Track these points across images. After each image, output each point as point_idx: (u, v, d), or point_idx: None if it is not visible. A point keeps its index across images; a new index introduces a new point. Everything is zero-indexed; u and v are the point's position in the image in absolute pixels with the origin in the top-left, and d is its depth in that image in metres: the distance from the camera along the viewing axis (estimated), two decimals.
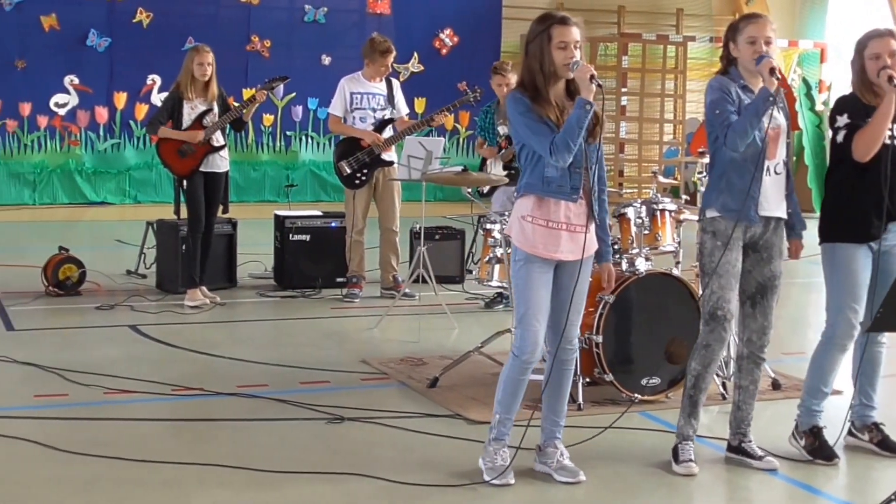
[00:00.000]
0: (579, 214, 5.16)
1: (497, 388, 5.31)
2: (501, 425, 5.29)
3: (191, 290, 9.32)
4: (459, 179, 8.20)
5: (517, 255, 5.20)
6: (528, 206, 5.16)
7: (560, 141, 4.98)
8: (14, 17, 15.70)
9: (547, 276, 5.17)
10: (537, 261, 5.14)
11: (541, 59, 5.08)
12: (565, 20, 5.10)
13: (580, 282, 5.21)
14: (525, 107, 5.09)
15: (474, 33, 17.75)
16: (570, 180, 5.11)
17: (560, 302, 5.23)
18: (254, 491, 5.10)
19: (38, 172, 16.03)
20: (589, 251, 5.22)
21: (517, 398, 5.27)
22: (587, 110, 4.97)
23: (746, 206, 5.31)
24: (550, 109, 5.08)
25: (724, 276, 5.35)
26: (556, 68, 5.07)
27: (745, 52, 5.32)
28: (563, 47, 5.05)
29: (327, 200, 16.28)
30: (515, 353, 5.21)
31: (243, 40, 16.74)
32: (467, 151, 17.74)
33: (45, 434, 5.75)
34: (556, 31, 5.06)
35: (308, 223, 10.21)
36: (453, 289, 10.12)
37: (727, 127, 5.21)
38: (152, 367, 7.26)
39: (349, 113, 9.72)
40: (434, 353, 7.73)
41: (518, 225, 5.19)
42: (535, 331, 5.15)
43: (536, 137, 5.05)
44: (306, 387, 6.91)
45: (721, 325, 5.41)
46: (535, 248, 5.13)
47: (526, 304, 5.16)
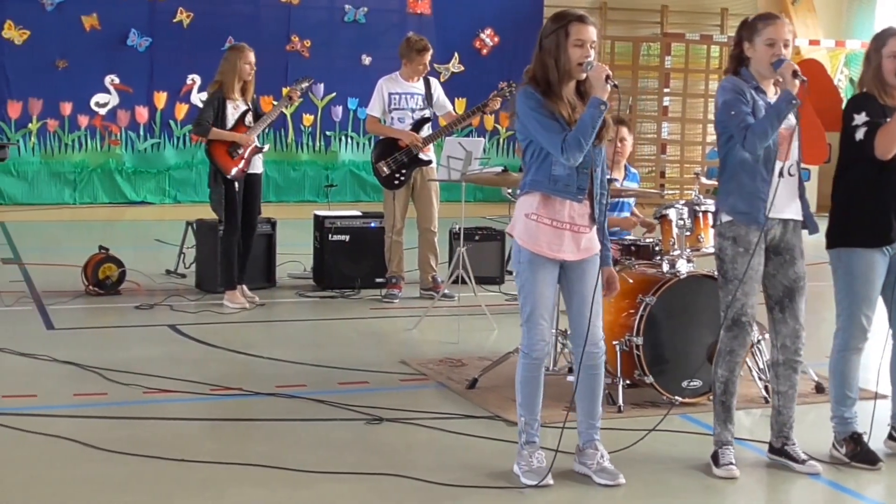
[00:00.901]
0: (583, 215, 5.16)
1: (516, 393, 5.29)
2: (529, 427, 5.27)
3: (230, 290, 9.32)
4: (499, 180, 8.17)
5: (521, 254, 5.18)
6: (533, 204, 5.14)
7: (572, 139, 4.94)
8: (55, 17, 15.79)
9: (552, 275, 5.16)
10: (542, 260, 5.11)
11: (556, 55, 5.04)
12: (583, 18, 5.06)
13: (589, 282, 5.18)
14: (537, 102, 5.06)
15: (515, 33, 17.68)
16: (576, 180, 5.09)
17: (576, 305, 5.20)
18: (291, 490, 5.09)
19: (78, 172, 16.12)
20: (590, 251, 5.19)
21: (537, 398, 5.25)
22: (601, 110, 4.94)
23: (756, 209, 5.25)
24: (563, 106, 5.05)
25: (748, 281, 5.29)
26: (571, 66, 5.03)
27: (762, 53, 5.24)
28: (579, 45, 5.01)
29: (367, 201, 16.27)
30: (525, 352, 5.22)
31: (283, 40, 16.76)
32: (507, 152, 17.70)
33: (85, 433, 5.76)
34: (573, 29, 5.02)
35: (347, 223, 10.20)
36: (493, 290, 10.08)
37: (745, 129, 5.14)
38: (191, 367, 7.26)
39: (387, 113, 9.71)
40: (473, 354, 7.70)
41: (523, 223, 5.17)
42: (541, 328, 5.15)
43: (547, 134, 5.02)
44: (345, 387, 6.90)
45: (744, 331, 5.36)
46: (539, 247, 5.11)
47: (532, 302, 5.15)
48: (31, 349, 7.55)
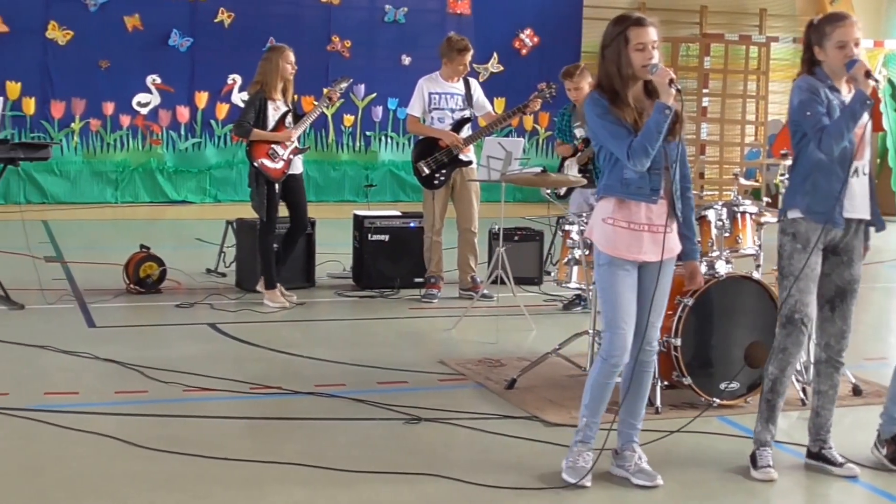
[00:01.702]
0: (661, 214, 5.11)
1: (584, 392, 5.27)
2: (588, 429, 5.26)
3: (269, 290, 9.35)
4: (538, 180, 8.18)
5: (601, 258, 5.15)
6: (608, 209, 5.12)
7: (638, 145, 4.93)
8: (98, 17, 15.92)
9: (632, 278, 5.12)
10: (621, 263, 5.10)
11: (618, 62, 5.03)
12: (641, 21, 5.04)
13: (662, 283, 5.16)
14: (603, 109, 5.04)
15: (555, 33, 17.67)
16: (649, 182, 5.06)
17: (641, 303, 5.18)
18: (331, 490, 5.11)
19: (120, 171, 16.25)
20: (672, 252, 5.17)
21: (604, 402, 5.24)
22: (666, 115, 4.92)
23: (832, 209, 5.22)
24: (629, 112, 5.03)
25: (804, 279, 5.27)
26: (635, 70, 5.01)
27: (834, 56, 5.22)
28: (640, 49, 5.00)
29: (406, 201, 16.32)
30: (604, 357, 5.17)
31: (324, 40, 16.82)
32: (547, 152, 17.68)
33: (126, 430, 5.81)
34: (632, 33, 5.01)
35: (387, 223, 10.22)
36: (531, 290, 10.08)
37: (821, 130, 5.11)
38: (231, 366, 7.31)
39: (427, 113, 9.72)
40: (512, 355, 7.70)
41: (600, 228, 5.15)
42: (623, 334, 5.11)
43: (614, 140, 5.01)
44: (384, 387, 6.92)
45: (798, 329, 5.33)
46: (619, 250, 5.09)
47: (613, 307, 5.12)
48: (73, 347, 7.62)
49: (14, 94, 15.63)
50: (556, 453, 5.41)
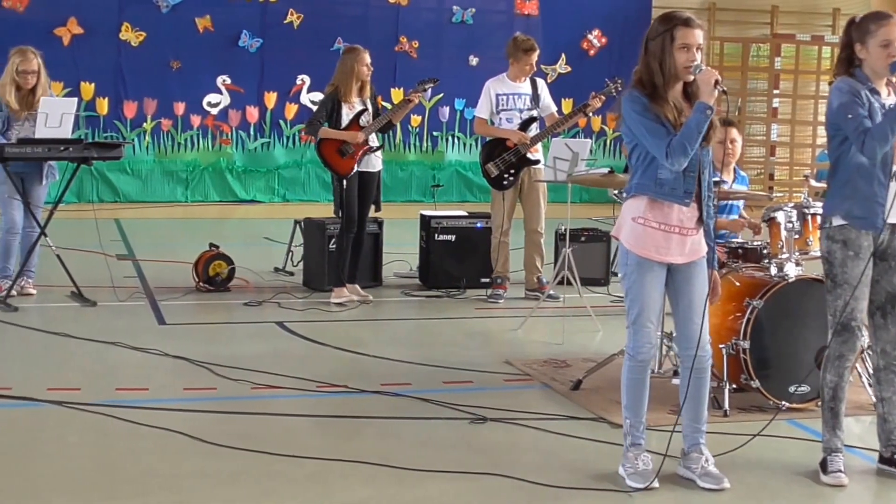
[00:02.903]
0: (691, 217, 5.11)
1: (621, 395, 5.27)
2: (634, 429, 5.25)
3: (337, 288, 9.41)
4: (605, 181, 8.15)
5: (628, 257, 5.16)
6: (640, 208, 5.11)
7: (677, 144, 4.90)
8: (170, 18, 16.09)
9: (659, 277, 5.13)
10: (649, 263, 5.08)
11: (661, 58, 5.00)
12: (689, 22, 5.01)
13: (697, 284, 5.14)
14: (642, 106, 5.02)
15: (623, 34, 17.58)
16: (683, 183, 5.05)
17: (682, 309, 5.17)
18: (396, 488, 5.13)
19: (190, 171, 16.41)
20: (699, 254, 5.15)
21: (642, 400, 5.23)
22: (707, 115, 4.89)
23: (873, 214, 5.15)
24: (668, 109, 5.00)
25: (858, 286, 5.20)
26: (677, 70, 4.99)
27: (876, 55, 5.14)
28: (685, 49, 4.97)
29: (473, 201, 16.32)
30: (631, 354, 5.20)
31: (392, 41, 16.87)
32: (614, 153, 17.61)
33: (194, 426, 5.87)
34: (679, 33, 4.98)
35: (453, 223, 10.24)
36: (598, 291, 10.04)
37: (864, 133, 5.04)
38: (298, 364, 7.35)
39: (495, 114, 9.72)
40: (578, 356, 7.68)
41: (629, 226, 5.15)
42: (648, 331, 5.13)
43: (653, 138, 4.98)
44: (449, 386, 6.93)
45: (854, 335, 5.28)
46: (647, 250, 5.08)
47: (639, 305, 5.13)
48: (144, 344, 7.71)
49: (88, 95, 15.83)
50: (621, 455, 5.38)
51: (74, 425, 5.95)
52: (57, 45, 15.27)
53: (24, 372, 7.14)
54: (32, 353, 7.71)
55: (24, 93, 9.11)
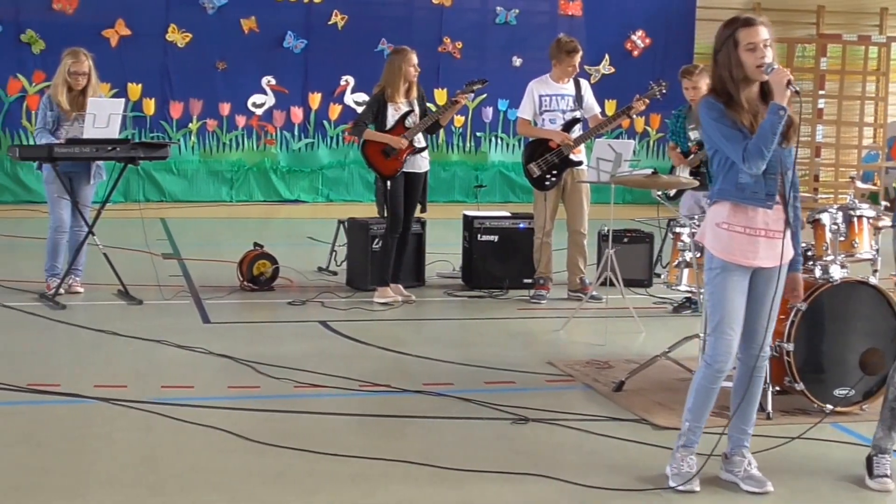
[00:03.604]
0: (777, 220, 5.05)
1: (688, 396, 5.24)
2: (691, 433, 5.23)
3: (381, 287, 9.44)
4: (649, 182, 8.13)
5: (713, 262, 5.10)
6: (723, 213, 5.06)
7: (753, 147, 4.87)
8: (216, 20, 16.21)
9: (743, 283, 5.07)
10: (735, 268, 5.05)
11: (729, 66, 4.98)
12: (750, 21, 4.99)
13: (777, 288, 5.10)
14: (718, 112, 4.99)
15: (667, 35, 17.55)
16: (764, 186, 5.00)
17: (754, 310, 5.13)
18: (438, 487, 5.15)
19: (235, 171, 16.52)
20: (786, 258, 5.10)
21: (708, 406, 5.20)
22: (781, 116, 4.85)
23: None
24: (744, 115, 4.97)
25: None
26: (747, 72, 4.96)
27: None
28: (752, 48, 4.94)
29: (516, 202, 16.32)
30: (708, 362, 5.13)
31: (435, 42, 16.90)
32: (657, 154, 17.56)
33: (238, 424, 5.91)
34: (742, 34, 4.96)
35: (496, 224, 10.24)
36: (641, 292, 10.01)
37: None
38: (341, 363, 7.38)
39: (538, 115, 9.72)
40: (620, 357, 7.68)
41: (713, 232, 5.10)
42: (729, 339, 5.07)
43: (730, 144, 4.95)
44: (491, 386, 6.94)
45: None
46: (733, 255, 5.03)
47: (721, 312, 5.07)
48: (189, 342, 7.77)
49: (135, 96, 15.98)
50: (664, 457, 5.37)
51: (121, 422, 6.01)
52: (105, 46, 15.41)
53: (71, 369, 7.22)
54: (80, 350, 7.80)
55: (74, 93, 9.21)
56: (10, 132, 15.80)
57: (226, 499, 4.97)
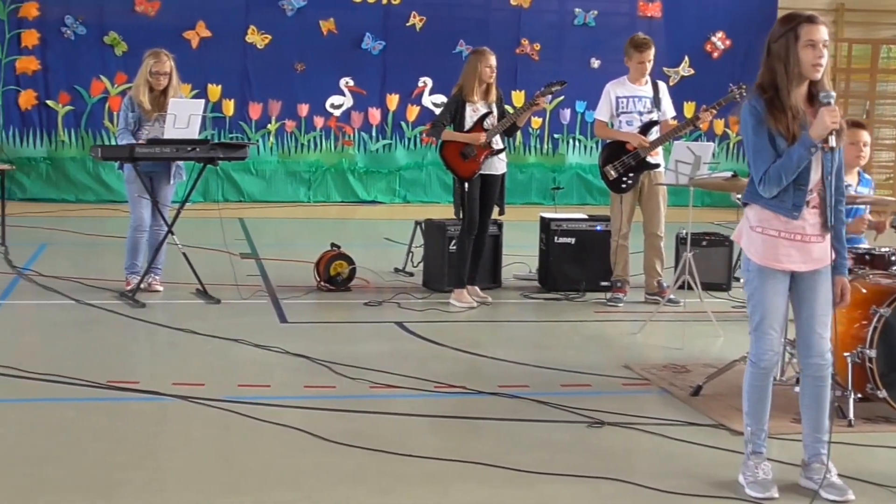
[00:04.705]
0: (814, 224, 5.01)
1: (743, 402, 5.20)
2: (755, 437, 5.18)
3: (458, 289, 9.44)
4: (729, 185, 8.04)
5: (749, 264, 5.09)
6: (756, 217, 5.05)
7: (774, 172, 4.86)
8: (295, 21, 16.33)
9: (783, 284, 5.04)
10: (771, 271, 5.01)
11: (786, 59, 4.92)
12: (813, 18, 4.93)
13: (821, 293, 5.04)
14: (757, 119, 4.94)
15: (747, 36, 17.33)
16: (792, 196, 4.96)
17: (804, 317, 5.08)
18: (511, 489, 5.14)
19: (313, 171, 16.62)
20: (821, 262, 5.03)
21: (764, 407, 5.16)
22: (811, 153, 4.83)
23: None
24: (784, 118, 4.90)
25: None
26: (803, 69, 4.90)
27: None
28: (811, 45, 4.89)
29: (593, 204, 16.26)
30: (753, 361, 5.14)
31: (513, 43, 16.88)
32: (737, 157, 17.40)
33: (313, 424, 5.94)
34: (803, 30, 4.90)
35: (573, 226, 10.20)
36: (719, 296, 9.93)
37: None
38: (416, 364, 7.39)
39: (615, 117, 9.66)
40: (698, 361, 7.61)
41: (747, 235, 5.09)
42: (770, 338, 5.06)
43: (756, 159, 4.95)
44: (567, 389, 6.91)
45: None
46: (766, 259, 5.01)
47: (762, 311, 5.06)
48: (266, 341, 7.82)
49: (215, 97, 16.15)
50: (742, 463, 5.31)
51: (198, 420, 6.07)
52: (185, 47, 15.59)
53: (150, 367, 7.32)
54: (158, 348, 7.90)
55: (155, 94, 9.32)
56: (92, 133, 16.05)
57: (300, 497, 4.99)
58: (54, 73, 15.95)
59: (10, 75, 15.84)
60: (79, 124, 16.05)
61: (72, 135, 16.05)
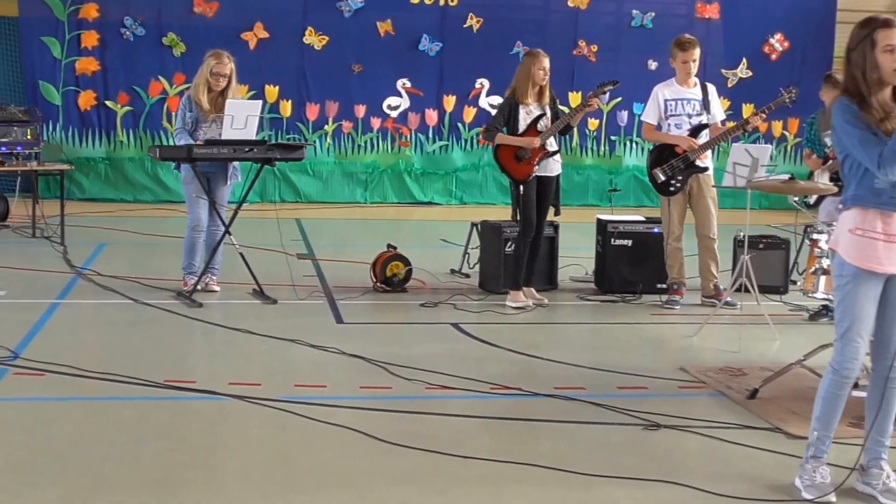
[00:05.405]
0: None
1: (815, 405, 5.14)
2: (820, 443, 5.13)
3: (513, 290, 9.44)
4: (786, 188, 7.99)
5: (844, 269, 4.99)
6: (857, 219, 4.94)
7: (889, 152, 4.73)
8: (353, 23, 16.41)
9: (876, 290, 4.95)
10: (867, 276, 4.93)
11: (863, 66, 4.86)
12: (889, 23, 4.87)
13: None
14: (853, 114, 4.87)
15: (806, 38, 17.24)
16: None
17: (887, 318, 5.01)
18: (566, 491, 5.13)
19: (369, 172, 16.70)
20: None
21: (836, 415, 5.10)
22: None
23: None
24: (875, 117, 4.85)
25: None
26: (883, 74, 4.84)
27: None
28: (889, 50, 4.82)
29: (650, 206, 16.19)
30: (835, 368, 5.04)
31: (570, 45, 16.87)
32: (795, 159, 17.25)
33: (369, 424, 5.96)
34: (880, 35, 4.84)
35: (630, 228, 10.16)
36: (776, 299, 9.86)
37: None
38: (472, 365, 7.40)
39: (664, 120, 9.60)
40: (754, 364, 7.56)
41: (846, 238, 4.98)
42: (856, 346, 4.97)
43: (863, 149, 4.83)
44: (623, 392, 6.89)
45: None
46: (868, 262, 4.91)
47: (851, 318, 4.96)
48: (322, 342, 7.86)
49: (272, 98, 16.26)
50: (798, 467, 5.28)
51: (255, 420, 6.11)
52: (243, 48, 15.73)
53: (207, 366, 7.38)
54: (215, 348, 7.96)
55: (214, 94, 9.39)
56: (150, 133, 16.22)
57: (355, 497, 5.02)
58: (113, 73, 16.14)
59: (70, 76, 16.05)
60: (137, 125, 16.22)
61: (130, 135, 16.23)
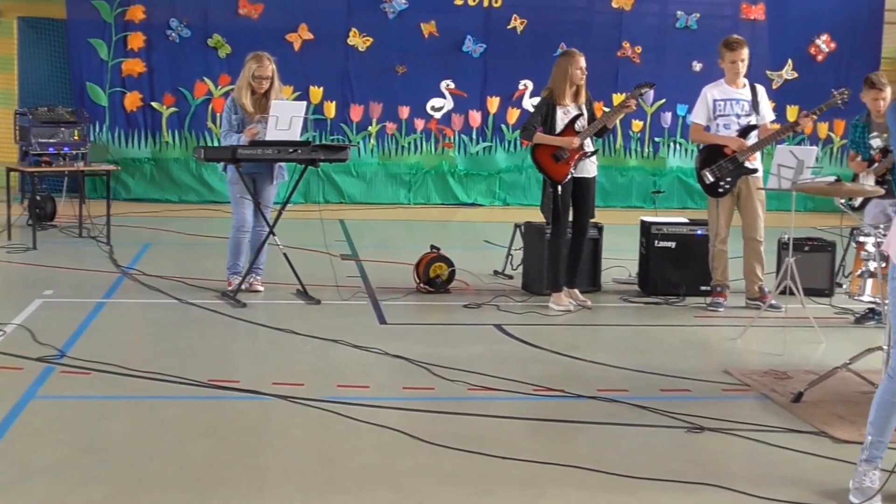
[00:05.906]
0: None
1: (871, 409, 5.10)
2: (874, 447, 5.08)
3: (555, 292, 9.43)
4: (832, 190, 7.93)
5: None
6: None
7: None
8: (397, 24, 16.44)
9: None
10: None
11: None
12: None
13: None
14: None
15: (853, 39, 17.10)
16: None
17: None
18: (609, 494, 5.12)
19: (413, 173, 16.72)
20: None
21: (891, 421, 5.04)
22: None
23: None
24: None
25: None
26: None
27: None
28: None
29: (694, 208, 16.13)
30: (891, 375, 4.98)
31: (614, 46, 16.82)
32: (841, 161, 17.12)
33: (412, 425, 5.97)
34: None
35: (674, 230, 10.13)
36: (822, 302, 9.79)
37: None
38: (515, 367, 7.40)
39: (712, 120, 9.55)
40: (799, 367, 7.51)
41: None
42: None
43: None
44: (666, 394, 6.87)
45: None
46: None
47: None
48: (365, 342, 7.89)
49: (316, 99, 16.32)
50: (843, 471, 5.25)
51: (298, 420, 6.14)
52: (288, 50, 15.80)
53: (251, 366, 7.42)
54: (259, 348, 8.00)
55: (257, 96, 9.44)
56: (195, 134, 16.32)
57: (399, 498, 5.03)
58: (159, 75, 16.26)
59: (116, 77, 16.17)
60: (182, 125, 16.33)
61: (176, 136, 16.33)
